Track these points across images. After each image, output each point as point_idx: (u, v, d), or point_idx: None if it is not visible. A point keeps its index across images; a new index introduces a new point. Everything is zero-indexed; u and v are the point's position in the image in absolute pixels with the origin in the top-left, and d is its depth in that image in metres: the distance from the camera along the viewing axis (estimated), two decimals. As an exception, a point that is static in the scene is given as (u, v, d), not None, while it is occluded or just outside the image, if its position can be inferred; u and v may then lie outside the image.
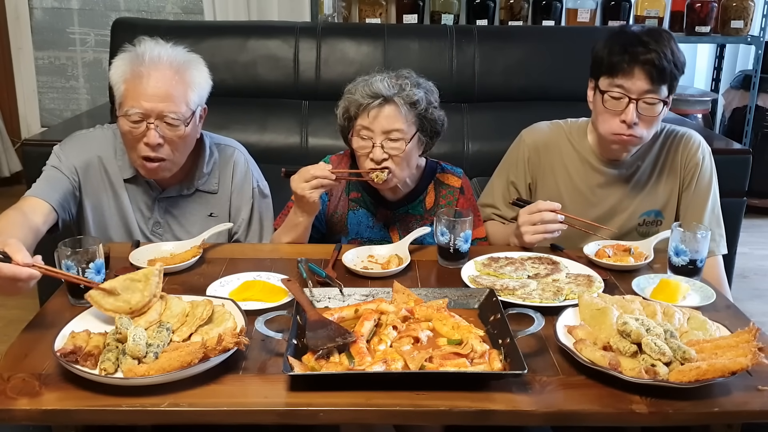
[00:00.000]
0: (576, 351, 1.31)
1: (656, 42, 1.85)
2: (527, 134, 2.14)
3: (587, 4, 4.08)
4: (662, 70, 1.84)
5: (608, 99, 1.89)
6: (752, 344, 1.26)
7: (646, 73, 1.85)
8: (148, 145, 1.81)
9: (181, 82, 1.83)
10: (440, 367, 1.27)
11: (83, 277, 1.50)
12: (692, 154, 2.04)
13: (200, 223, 1.96)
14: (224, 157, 2.04)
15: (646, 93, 1.86)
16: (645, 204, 2.06)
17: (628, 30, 1.93)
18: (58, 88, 4.82)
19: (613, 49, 1.88)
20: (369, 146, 1.87)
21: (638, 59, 1.84)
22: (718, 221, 2.07)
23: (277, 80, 2.98)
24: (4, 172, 4.78)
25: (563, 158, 2.08)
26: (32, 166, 2.64)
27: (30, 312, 1.61)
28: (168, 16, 4.62)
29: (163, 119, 1.80)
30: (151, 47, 1.84)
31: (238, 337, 1.27)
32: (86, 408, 1.19)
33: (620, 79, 1.87)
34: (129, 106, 1.80)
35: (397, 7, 3.99)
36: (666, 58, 1.84)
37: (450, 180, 2.08)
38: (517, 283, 1.67)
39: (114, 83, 1.85)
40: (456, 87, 2.99)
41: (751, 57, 4.48)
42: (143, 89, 1.79)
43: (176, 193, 1.98)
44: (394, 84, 1.87)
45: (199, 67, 1.90)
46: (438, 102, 1.95)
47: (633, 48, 1.85)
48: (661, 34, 1.89)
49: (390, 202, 2.03)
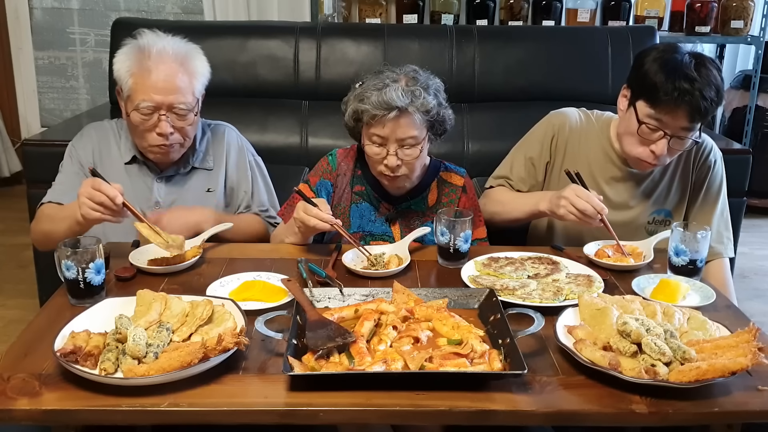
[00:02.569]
0: (576, 351, 1.31)
1: (702, 80, 1.78)
2: (555, 116, 2.14)
3: (587, 4, 4.08)
4: (705, 112, 1.80)
5: (644, 129, 1.87)
6: (752, 344, 1.26)
7: (688, 113, 1.80)
8: (160, 134, 1.93)
9: (186, 73, 1.94)
10: (440, 367, 1.27)
11: (83, 277, 1.51)
12: (704, 157, 2.05)
13: (199, 199, 2.04)
14: (216, 136, 2.16)
15: (682, 130, 1.84)
16: (656, 203, 2.07)
17: (679, 59, 1.82)
18: (58, 88, 4.83)
19: (663, 78, 1.80)
20: (383, 153, 1.89)
21: (684, 99, 1.78)
22: (727, 224, 2.08)
23: (277, 80, 2.98)
24: (4, 172, 4.78)
25: (585, 146, 2.08)
26: (32, 166, 2.64)
27: (30, 312, 1.62)
28: (168, 16, 4.63)
29: (173, 110, 1.92)
30: (153, 40, 1.94)
31: (238, 337, 1.27)
32: (86, 408, 1.19)
33: (661, 113, 1.83)
34: (140, 100, 1.89)
35: (397, 7, 3.99)
36: (710, 99, 1.78)
37: (453, 178, 2.09)
38: (517, 283, 1.67)
39: (120, 77, 1.93)
40: (456, 87, 2.98)
41: (751, 57, 4.48)
42: (153, 83, 1.89)
43: (174, 172, 2.07)
44: (406, 91, 1.84)
45: (200, 57, 2.02)
46: (445, 98, 1.96)
47: (681, 84, 1.77)
48: (708, 67, 1.81)
49: (393, 197, 2.04)
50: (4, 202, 4.50)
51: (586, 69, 3.02)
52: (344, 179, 2.06)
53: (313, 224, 1.77)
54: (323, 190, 2.03)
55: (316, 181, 2.05)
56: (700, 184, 2.07)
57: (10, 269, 3.58)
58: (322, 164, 2.08)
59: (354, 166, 2.06)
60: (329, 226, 1.78)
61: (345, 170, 2.06)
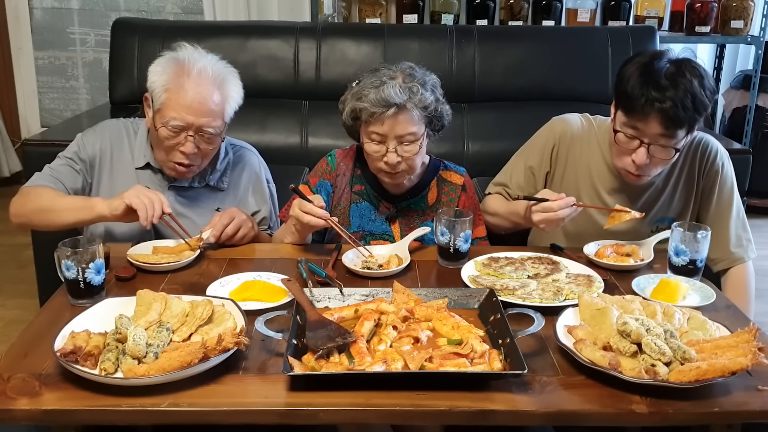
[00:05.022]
0: (576, 351, 1.31)
1: (675, 88, 1.73)
2: (557, 123, 2.10)
3: (587, 4, 4.08)
4: (677, 119, 1.75)
5: (620, 137, 1.84)
6: (752, 344, 1.26)
7: (660, 120, 1.76)
8: (183, 153, 1.89)
9: (221, 96, 1.91)
10: (440, 367, 1.27)
11: (83, 277, 1.51)
12: (711, 161, 2.00)
13: (206, 216, 2.00)
14: (238, 159, 2.12)
15: (660, 137, 1.79)
16: (659, 212, 2.03)
17: (655, 66, 1.78)
18: (58, 88, 4.82)
19: (634, 85, 1.77)
20: (382, 150, 1.89)
21: (654, 106, 1.74)
22: (744, 225, 2.04)
23: (277, 80, 2.98)
24: (4, 172, 4.78)
25: (587, 155, 2.05)
26: (32, 166, 2.62)
27: (30, 312, 1.62)
28: (168, 16, 4.63)
29: (201, 132, 1.88)
30: (195, 58, 1.91)
31: (238, 337, 1.27)
32: (86, 408, 1.19)
33: (633, 120, 1.80)
34: (170, 117, 1.86)
35: (397, 7, 3.99)
36: (683, 107, 1.73)
37: (453, 177, 2.09)
38: (517, 283, 1.67)
39: (154, 89, 1.89)
40: (456, 87, 2.98)
41: (751, 57, 4.48)
42: (187, 102, 1.85)
43: (187, 184, 2.04)
44: (404, 88, 1.85)
45: (236, 81, 1.98)
46: (442, 94, 1.96)
47: (650, 92, 1.74)
48: (685, 75, 1.75)
49: (393, 195, 2.05)
50: (5, 202, 4.49)
51: (586, 69, 3.02)
52: (344, 179, 2.06)
53: (306, 221, 1.77)
54: (323, 191, 2.03)
55: (315, 182, 2.06)
56: (710, 190, 2.01)
57: (10, 269, 3.58)
58: (322, 165, 2.08)
59: (353, 166, 2.07)
60: (323, 222, 1.78)
61: (344, 170, 2.06)
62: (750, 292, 2.00)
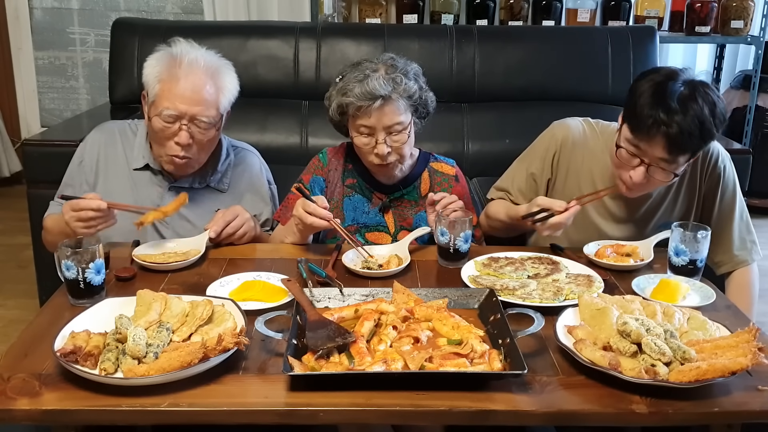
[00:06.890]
0: (576, 351, 1.31)
1: (684, 114, 1.68)
2: (559, 129, 2.06)
3: (587, 4, 4.08)
4: (681, 145, 1.71)
5: (622, 153, 1.80)
6: (752, 344, 1.26)
7: (665, 144, 1.71)
8: (178, 144, 1.89)
9: (214, 86, 1.92)
10: (440, 367, 1.27)
11: (83, 277, 1.51)
12: (712, 165, 1.97)
13: (206, 217, 2.00)
14: (239, 161, 2.13)
15: (661, 161, 1.75)
16: (662, 217, 2.01)
17: (669, 87, 1.71)
18: (58, 88, 4.82)
19: (644, 104, 1.72)
20: (372, 143, 1.92)
21: (660, 129, 1.69)
22: (748, 227, 2.02)
23: (277, 80, 2.99)
24: (4, 172, 4.78)
25: (589, 162, 2.01)
26: (32, 166, 2.64)
27: (30, 312, 1.62)
28: (168, 16, 4.62)
29: (196, 122, 1.88)
30: (187, 50, 1.92)
31: (238, 337, 1.27)
32: (86, 408, 1.19)
33: (638, 140, 1.75)
34: (164, 107, 1.87)
35: (397, 7, 3.99)
36: (689, 133, 1.68)
37: (444, 168, 2.12)
38: (517, 283, 1.67)
39: (147, 82, 1.92)
40: (456, 87, 2.99)
41: (751, 57, 4.48)
42: (180, 91, 1.86)
43: (188, 185, 2.03)
44: (387, 79, 1.88)
45: (231, 73, 1.99)
46: (425, 82, 1.99)
47: (658, 114, 1.69)
48: (697, 101, 1.69)
49: (385, 186, 2.06)
50: (4, 202, 4.50)
51: (586, 69, 3.02)
52: (336, 174, 2.08)
53: (310, 221, 1.78)
54: (316, 187, 2.06)
55: (308, 179, 2.08)
56: (713, 194, 1.99)
57: (10, 269, 3.58)
58: (314, 162, 2.11)
59: (344, 161, 2.09)
60: (327, 223, 1.79)
61: (336, 165, 2.09)
62: (753, 294, 1.99)
